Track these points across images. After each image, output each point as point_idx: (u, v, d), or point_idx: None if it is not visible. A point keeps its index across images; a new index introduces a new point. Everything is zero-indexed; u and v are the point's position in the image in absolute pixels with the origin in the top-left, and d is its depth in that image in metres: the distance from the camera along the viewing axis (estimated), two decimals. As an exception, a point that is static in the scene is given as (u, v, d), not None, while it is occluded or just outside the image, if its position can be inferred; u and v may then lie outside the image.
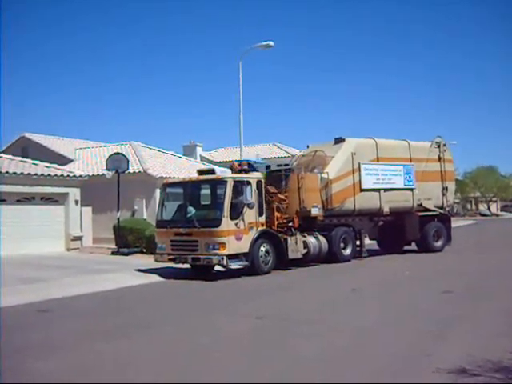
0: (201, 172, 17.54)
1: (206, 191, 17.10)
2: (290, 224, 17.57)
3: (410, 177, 21.48)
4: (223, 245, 15.08)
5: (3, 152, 32.01)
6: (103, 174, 25.23)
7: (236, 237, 15.39)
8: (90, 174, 27.70)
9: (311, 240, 17.97)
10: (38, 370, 6.94)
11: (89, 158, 32.85)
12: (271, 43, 24.40)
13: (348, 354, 7.35)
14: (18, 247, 22.08)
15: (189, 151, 44.31)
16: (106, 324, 9.85)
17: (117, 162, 23.21)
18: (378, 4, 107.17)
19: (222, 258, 15.10)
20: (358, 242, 20.07)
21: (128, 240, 23.04)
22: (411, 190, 21.54)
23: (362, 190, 19.85)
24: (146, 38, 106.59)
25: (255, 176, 16.75)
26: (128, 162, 23.88)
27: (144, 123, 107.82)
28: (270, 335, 8.63)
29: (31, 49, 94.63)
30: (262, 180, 16.87)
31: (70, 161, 32.72)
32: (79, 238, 25.17)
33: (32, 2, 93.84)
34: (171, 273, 16.35)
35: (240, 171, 16.98)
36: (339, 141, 20.46)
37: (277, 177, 18.67)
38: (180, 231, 15.83)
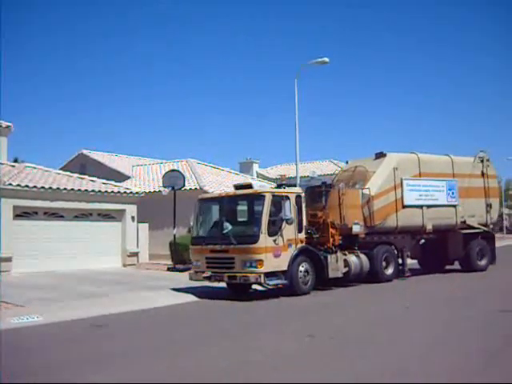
0: (238, 187, 16.89)
1: (242, 207, 16.52)
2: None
3: (453, 193, 20.68)
4: (261, 262, 14.38)
5: (62, 169, 32.86)
6: (160, 191, 25.76)
7: (274, 254, 14.70)
8: (147, 191, 28.09)
9: (352, 258, 17.24)
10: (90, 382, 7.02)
11: (145, 175, 33.41)
12: (326, 59, 24.05)
13: (404, 372, 7.13)
14: (76, 263, 22.58)
15: (245, 168, 45.15)
16: (157, 341, 9.80)
17: (173, 179, 23.78)
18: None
19: (260, 276, 14.39)
20: (399, 261, 19.27)
21: (184, 256, 22.72)
22: (454, 206, 20.73)
23: (404, 207, 19.12)
24: (201, 52, 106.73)
25: (294, 191, 16.11)
26: (184, 179, 24.42)
27: (200, 140, 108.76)
28: (323, 353, 8.42)
29: (91, 67, 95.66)
30: (302, 195, 16.18)
31: (127, 177, 33.20)
32: (136, 254, 25.42)
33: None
34: (205, 292, 15.77)
35: (279, 186, 16.37)
36: (380, 156, 19.76)
37: (317, 193, 18.01)
38: (216, 248, 15.18)
